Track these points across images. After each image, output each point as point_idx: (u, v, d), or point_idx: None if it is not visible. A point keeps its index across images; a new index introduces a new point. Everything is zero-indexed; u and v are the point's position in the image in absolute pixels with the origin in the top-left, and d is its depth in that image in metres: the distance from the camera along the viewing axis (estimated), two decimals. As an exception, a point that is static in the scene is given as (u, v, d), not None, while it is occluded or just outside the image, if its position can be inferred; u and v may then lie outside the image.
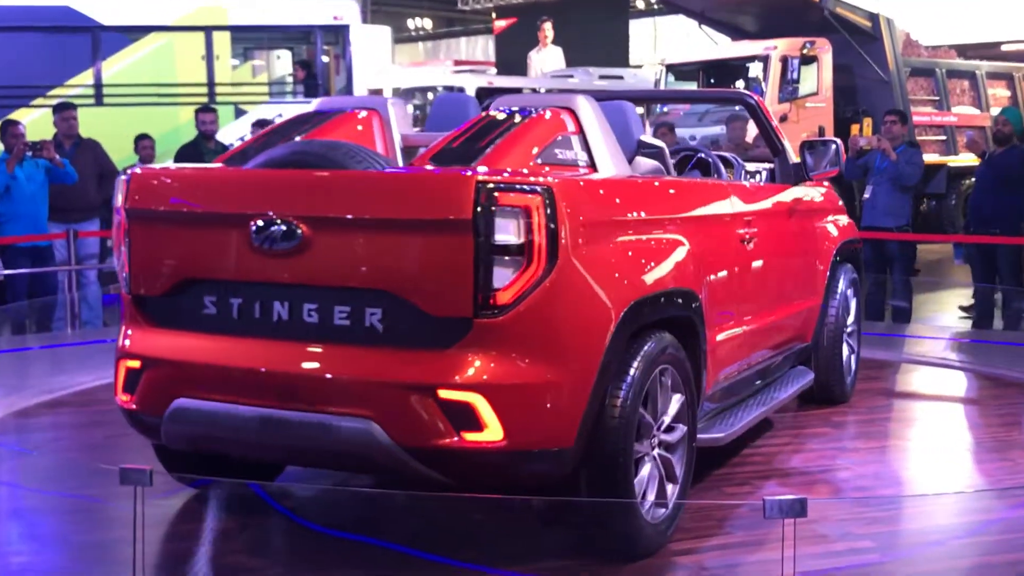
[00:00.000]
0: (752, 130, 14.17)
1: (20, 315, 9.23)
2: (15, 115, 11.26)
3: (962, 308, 10.64)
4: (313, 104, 5.31)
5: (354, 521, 4.59)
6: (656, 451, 4.20)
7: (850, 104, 16.95)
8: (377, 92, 20.00)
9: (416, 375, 3.68)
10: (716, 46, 18.47)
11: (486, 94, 18.39)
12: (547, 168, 4.18)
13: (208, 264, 4.08)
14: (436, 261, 3.69)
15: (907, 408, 7.07)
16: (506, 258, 3.63)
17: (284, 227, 3.83)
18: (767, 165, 6.23)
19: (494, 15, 31.28)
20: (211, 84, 13.95)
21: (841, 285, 6.37)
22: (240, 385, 3.95)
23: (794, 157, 5.97)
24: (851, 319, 6.60)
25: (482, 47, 36.83)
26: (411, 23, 42.51)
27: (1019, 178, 9.49)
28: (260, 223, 3.87)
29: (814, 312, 6.15)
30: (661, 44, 29.65)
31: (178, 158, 10.66)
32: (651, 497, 4.14)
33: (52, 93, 13.23)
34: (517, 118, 4.35)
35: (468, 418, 3.65)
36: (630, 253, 4.09)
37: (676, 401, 4.29)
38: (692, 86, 17.64)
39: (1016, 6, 25.58)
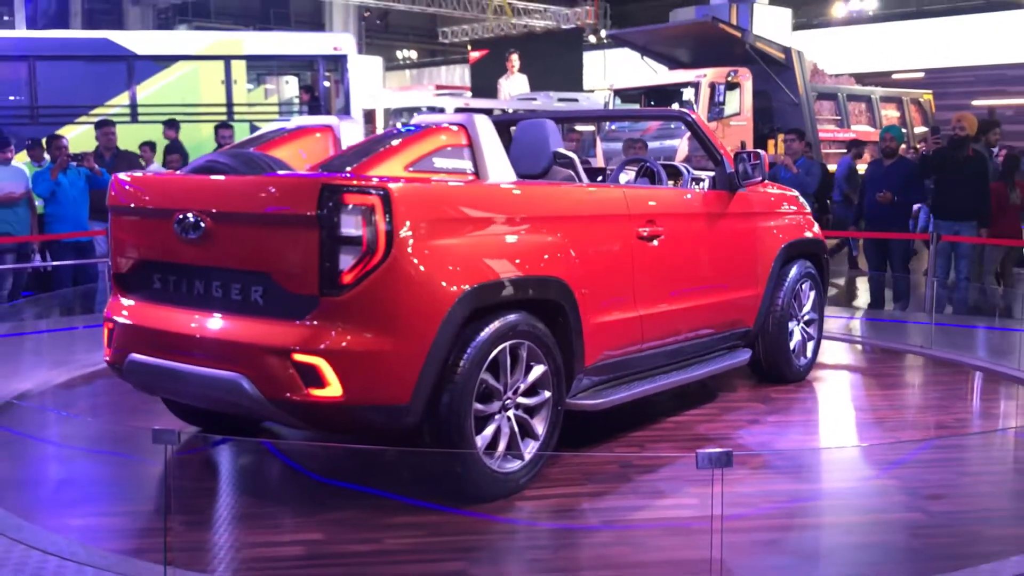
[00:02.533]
0: (685, 148, 14.26)
1: (66, 300, 9.15)
2: (60, 131, 11.09)
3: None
4: (291, 123, 5.55)
5: (351, 472, 4.58)
6: (510, 412, 4.32)
7: (767, 122, 17.02)
8: (370, 112, 19.90)
9: (277, 341, 3.92)
10: (656, 74, 18.48)
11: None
12: (419, 174, 4.30)
13: (154, 249, 4.44)
14: (294, 249, 3.92)
15: (837, 383, 6.81)
16: (347, 247, 3.83)
17: (193, 220, 4.16)
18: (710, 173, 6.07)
19: (470, 47, 31.13)
20: (229, 105, 13.81)
21: (791, 278, 6.20)
22: (169, 345, 4.26)
23: (730, 167, 5.80)
24: (807, 308, 6.44)
25: (459, 74, 36.66)
26: (399, 53, 42.29)
27: (907, 185, 9.53)
28: (179, 217, 4.20)
29: (754, 300, 6.00)
30: (610, 72, 29.59)
31: None
32: (500, 450, 4.24)
33: (94, 112, 13.06)
34: (409, 132, 4.59)
35: (314, 377, 3.86)
36: (472, 246, 4.14)
37: (537, 371, 4.37)
38: (635, 106, 17.63)
39: (905, 41, 25.78)
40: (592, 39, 33.38)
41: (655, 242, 5.13)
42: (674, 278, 5.35)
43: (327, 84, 14.84)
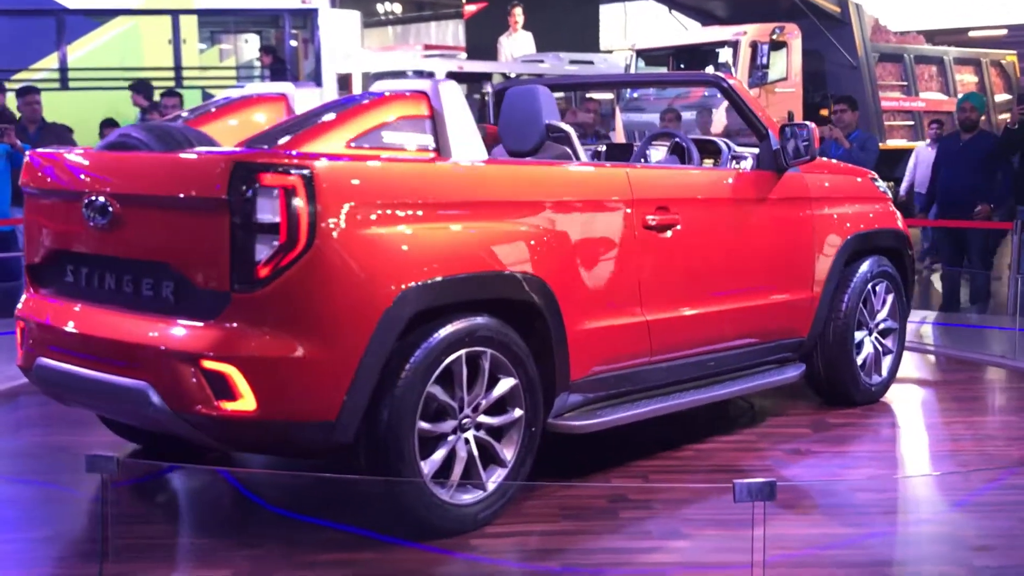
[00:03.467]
0: (721, 120, 14.26)
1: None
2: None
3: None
4: (245, 90, 5.51)
5: (318, 505, 4.59)
6: (469, 433, 4.28)
7: (819, 89, 16.99)
8: (346, 77, 19.91)
9: (185, 345, 3.93)
10: (686, 31, 18.47)
11: (456, 79, 18.50)
12: (363, 151, 4.26)
13: (66, 237, 4.49)
14: (203, 237, 3.93)
15: (902, 403, 6.56)
16: (262, 236, 3.81)
17: (101, 204, 4.20)
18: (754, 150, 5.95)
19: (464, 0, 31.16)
20: (178, 68, 13.84)
21: (858, 277, 6.05)
22: (77, 347, 4.31)
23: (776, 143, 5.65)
24: (882, 315, 6.28)
25: (452, 32, 36.70)
26: (380, 7, 42.28)
27: (990, 163, 9.53)
28: (87, 200, 4.25)
29: (808, 305, 5.86)
30: (631, 29, 29.62)
31: None
32: (454, 478, 4.22)
33: (17, 77, 13.08)
34: (357, 102, 4.55)
35: (224, 387, 3.85)
36: (419, 237, 4.09)
37: (504, 384, 4.34)
38: (662, 70, 17.64)
39: (983, -8, 25.74)
40: (611, -10, 33.38)
41: (668, 233, 5.07)
42: (695, 277, 5.27)
43: (293, 44, 14.86)
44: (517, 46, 20.62)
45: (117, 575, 3.82)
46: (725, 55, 16.34)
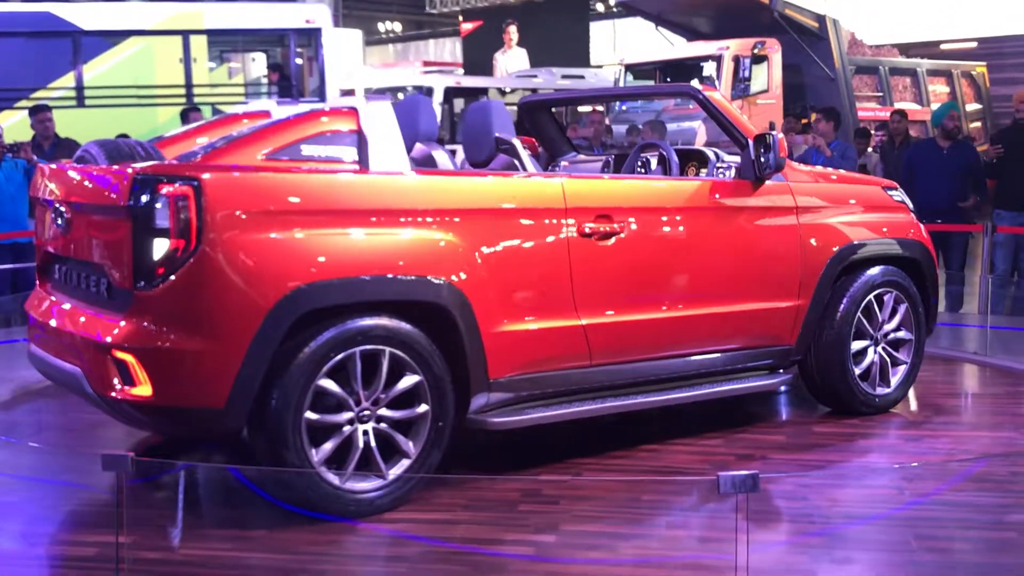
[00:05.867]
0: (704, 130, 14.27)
1: (3, 309, 9.11)
2: (-4, 118, 11.10)
3: None
4: (244, 108, 5.80)
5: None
6: (368, 425, 4.41)
7: (799, 100, 17.03)
8: (349, 93, 19.90)
9: (100, 335, 4.26)
10: (672, 47, 18.51)
11: (454, 93, 18.56)
12: (278, 163, 4.39)
13: (49, 239, 4.92)
14: (116, 241, 4.24)
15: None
16: (157, 239, 4.09)
17: (60, 212, 4.67)
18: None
19: (461, 18, 31.18)
20: (189, 86, 13.85)
21: (856, 287, 5.81)
22: (50, 336, 4.74)
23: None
24: (891, 325, 6.00)
25: (450, 49, 36.75)
26: (381, 26, 42.35)
27: (969, 171, 9.56)
28: (52, 208, 4.76)
29: (792, 313, 5.66)
30: (620, 45, 29.67)
31: None
32: (350, 468, 4.36)
33: (35, 96, 13.09)
34: (289, 118, 4.69)
35: (127, 374, 4.16)
36: (311, 242, 4.25)
37: (408, 381, 4.46)
38: (649, 83, 17.68)
39: (955, 7, 25.78)
40: (600, 7, 33.44)
41: (611, 241, 5.02)
42: (646, 284, 5.20)
43: (299, 62, 14.87)
44: (512, 62, 20.64)
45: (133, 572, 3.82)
46: (709, 69, 16.38)
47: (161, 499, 4.76)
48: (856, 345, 5.88)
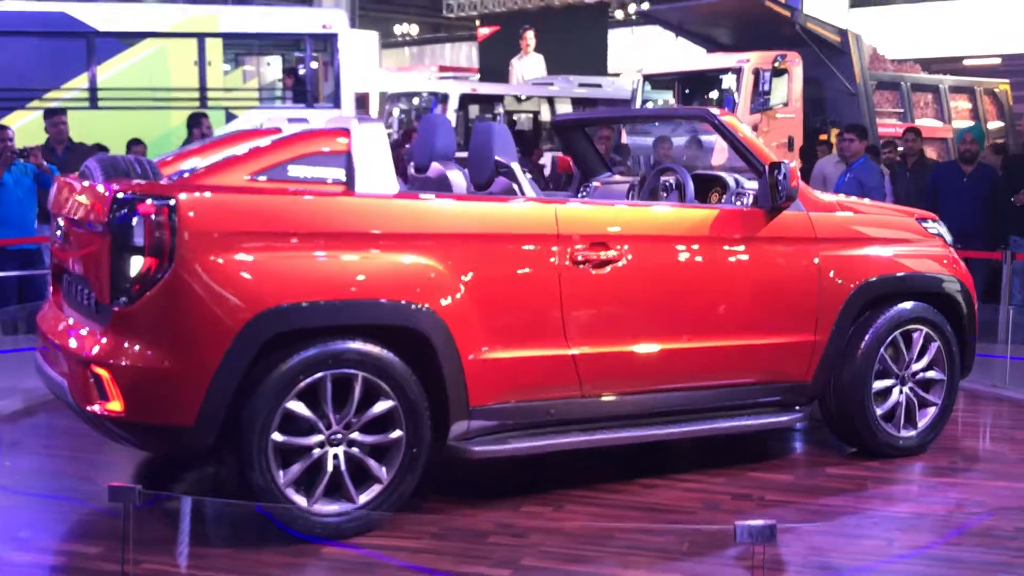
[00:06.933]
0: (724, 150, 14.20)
1: (9, 317, 9.06)
2: (7, 119, 11.09)
3: None
4: (255, 125, 5.78)
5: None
6: (338, 449, 4.45)
7: (819, 115, 16.95)
8: (363, 96, 19.93)
9: (82, 349, 4.39)
10: (691, 58, 18.47)
11: (469, 100, 18.57)
12: (264, 183, 4.48)
13: (58, 251, 5.13)
14: (99, 257, 4.36)
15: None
16: (133, 257, 4.21)
17: (60, 226, 4.93)
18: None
19: (478, 22, 31.19)
20: (203, 89, 13.86)
21: (879, 323, 5.65)
22: (48, 347, 4.83)
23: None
24: (921, 364, 5.82)
25: (466, 53, 36.76)
26: (398, 28, 42.33)
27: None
28: (58, 220, 5.00)
29: (808, 348, 5.51)
30: (639, 53, 29.62)
31: None
32: (318, 491, 4.42)
33: (48, 96, 13.12)
34: (278, 138, 4.84)
35: (102, 389, 4.25)
36: (284, 263, 4.33)
37: (382, 406, 4.49)
38: (668, 95, 17.64)
39: (978, 22, 25.70)
40: (619, 14, 33.40)
41: (606, 269, 4.97)
42: (644, 314, 5.11)
43: (315, 66, 14.88)
44: (528, 68, 20.66)
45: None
46: (729, 81, 16.31)
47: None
48: (880, 384, 5.73)
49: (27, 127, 11.90)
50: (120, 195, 4.25)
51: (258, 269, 4.27)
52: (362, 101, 20.51)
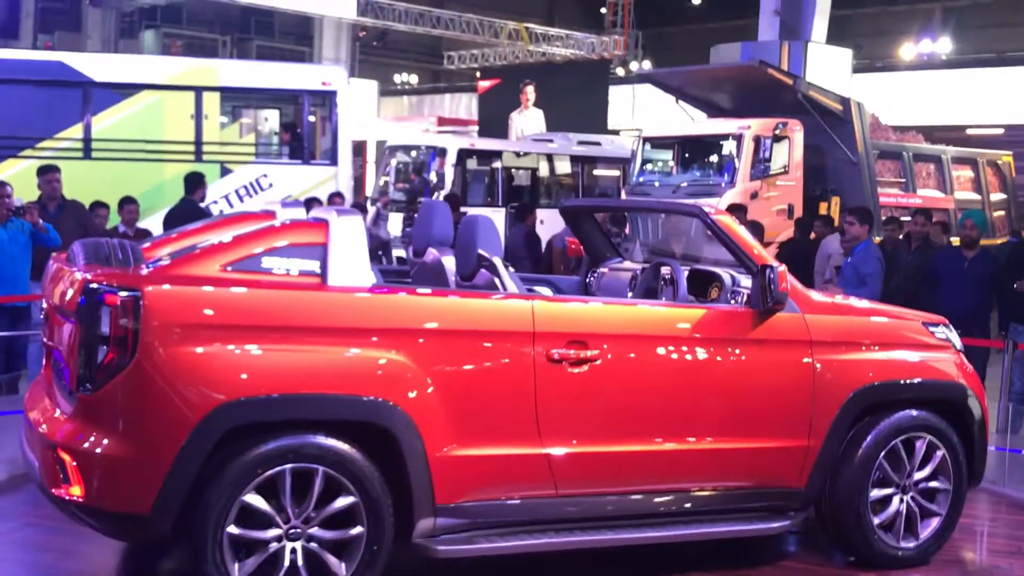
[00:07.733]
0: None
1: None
2: (1, 167, 11.07)
3: None
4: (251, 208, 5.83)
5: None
6: (298, 543, 4.43)
7: (819, 183, 16.99)
8: (360, 144, 19.99)
9: (50, 432, 4.45)
10: (692, 121, 18.53)
11: (467, 155, 18.62)
12: (237, 275, 4.50)
13: (45, 331, 5.10)
14: (71, 343, 4.41)
15: None
16: (98, 346, 4.27)
17: (45, 308, 5.05)
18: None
19: (479, 75, 31.40)
20: (198, 143, 13.87)
21: (878, 430, 5.52)
22: (27, 426, 4.80)
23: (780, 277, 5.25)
24: (924, 473, 5.66)
25: (465, 104, 36.93)
26: (397, 77, 42.63)
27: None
28: (42, 303, 5.14)
29: (801, 454, 5.39)
30: (639, 110, 29.80)
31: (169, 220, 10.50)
32: None
33: (41, 146, 13.12)
34: (258, 227, 4.88)
35: (66, 473, 4.30)
36: (244, 357, 4.36)
37: (343, 502, 4.48)
38: (667, 156, 17.66)
39: (982, 92, 25.87)
40: (620, 72, 33.64)
41: (584, 368, 4.92)
42: (622, 414, 5.05)
43: (312, 121, 14.91)
44: (528, 123, 20.76)
45: None
46: (729, 147, 16.37)
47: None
48: (878, 492, 5.58)
49: (20, 175, 11.88)
50: (91, 284, 4.31)
51: (219, 362, 4.31)
52: (359, 149, 20.57)
